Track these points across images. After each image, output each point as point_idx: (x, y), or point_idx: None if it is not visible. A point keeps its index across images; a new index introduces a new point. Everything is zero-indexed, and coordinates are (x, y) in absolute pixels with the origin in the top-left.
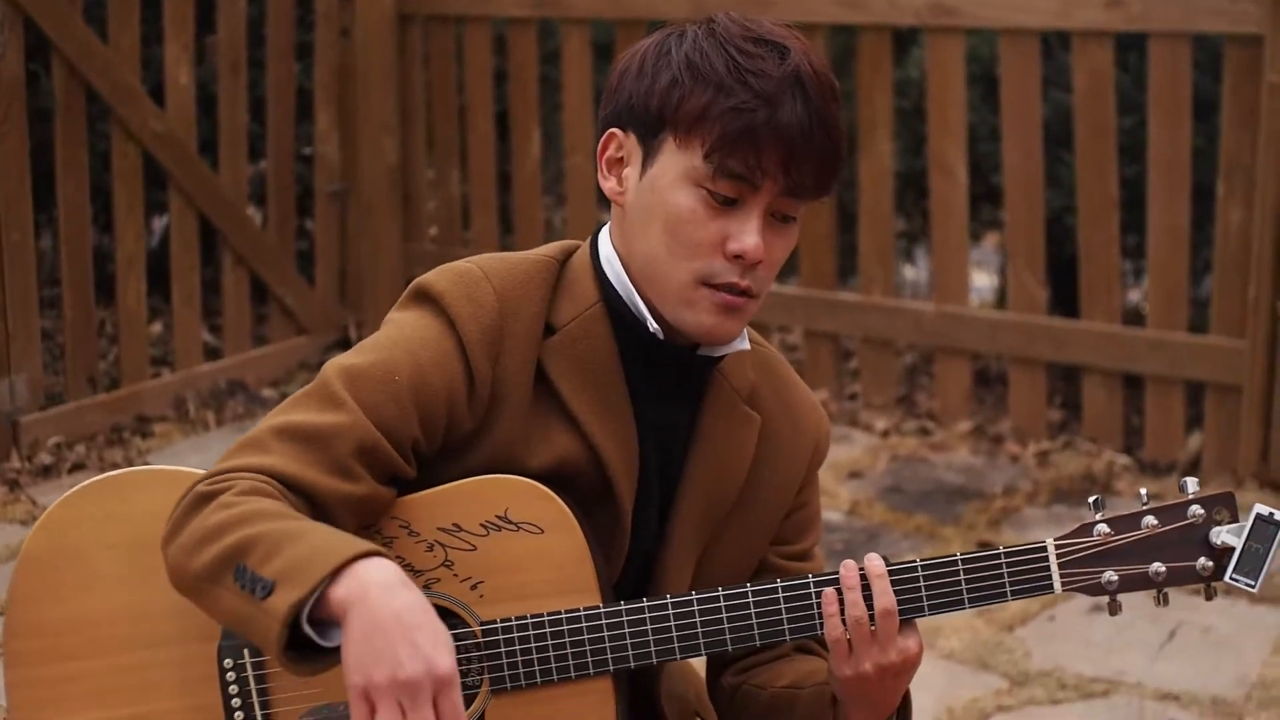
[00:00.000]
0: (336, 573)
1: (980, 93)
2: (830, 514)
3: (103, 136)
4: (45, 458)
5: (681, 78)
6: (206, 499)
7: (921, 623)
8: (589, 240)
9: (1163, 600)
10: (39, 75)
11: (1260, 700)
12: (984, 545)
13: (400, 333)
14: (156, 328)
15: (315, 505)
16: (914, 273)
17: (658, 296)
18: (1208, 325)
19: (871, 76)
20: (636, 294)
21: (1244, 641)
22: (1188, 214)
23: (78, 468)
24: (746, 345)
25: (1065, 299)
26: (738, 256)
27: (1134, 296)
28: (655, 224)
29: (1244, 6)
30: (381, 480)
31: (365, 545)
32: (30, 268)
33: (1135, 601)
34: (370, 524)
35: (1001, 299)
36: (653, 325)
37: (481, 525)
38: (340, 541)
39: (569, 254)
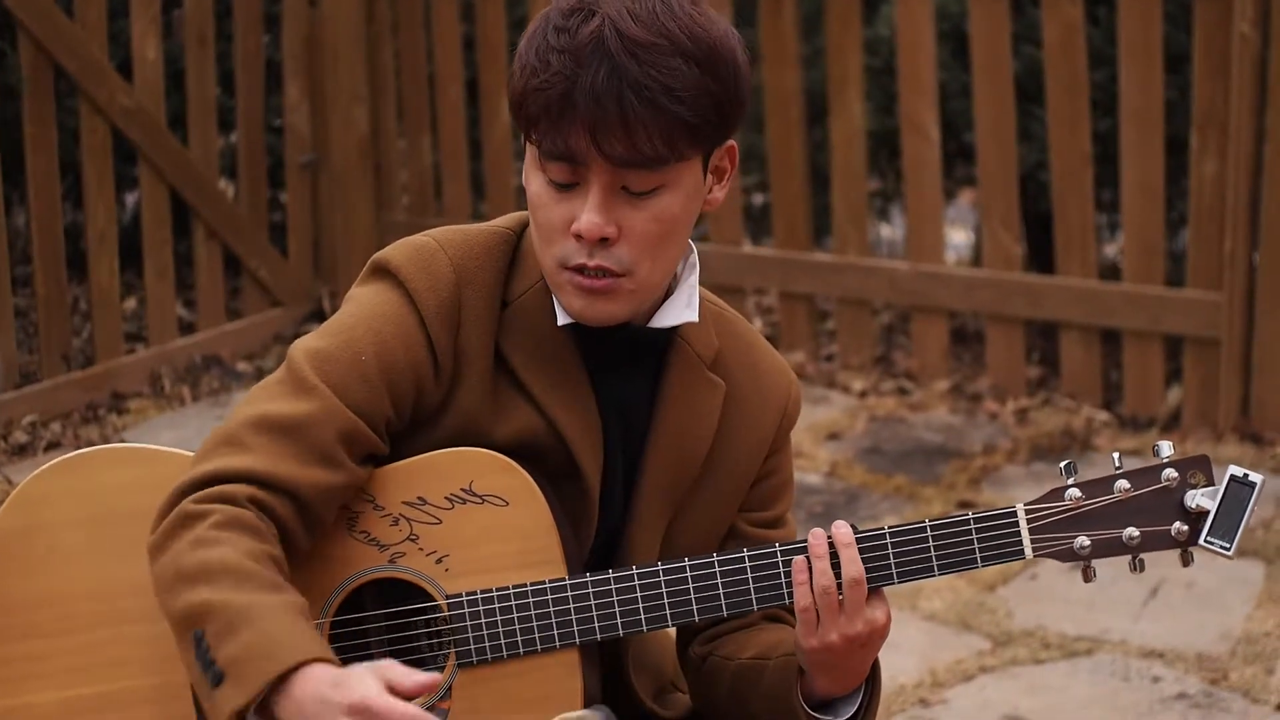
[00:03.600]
0: (279, 680)
1: (951, 50)
2: (809, 476)
3: (71, 113)
4: (20, 436)
5: (515, 67)
6: (191, 520)
7: (903, 585)
8: None
9: (1138, 566)
10: (5, 52)
11: (1245, 655)
12: (964, 505)
13: (361, 310)
14: (130, 304)
15: (299, 504)
16: (890, 231)
17: (548, 283)
18: (1184, 279)
19: (841, 35)
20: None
21: (1227, 597)
22: (1162, 167)
23: (53, 446)
24: (694, 317)
25: (1041, 255)
26: (579, 236)
27: (1110, 251)
28: (530, 211)
29: None
30: (360, 461)
31: (307, 650)
32: (1, 246)
33: (1115, 559)
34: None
35: (978, 256)
36: (562, 320)
37: (446, 498)
38: (286, 635)
39: (526, 225)
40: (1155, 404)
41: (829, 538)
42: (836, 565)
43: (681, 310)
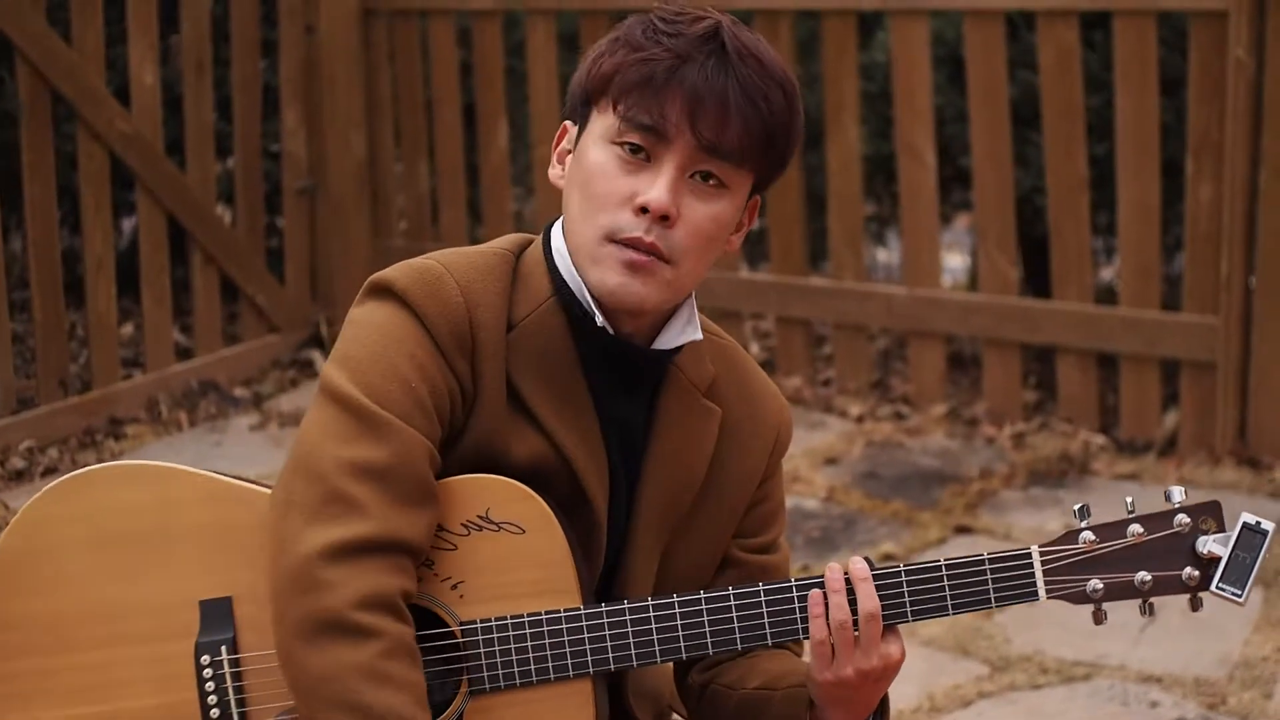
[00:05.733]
0: None
1: (946, 75)
2: (807, 501)
3: (69, 138)
4: (18, 462)
5: (604, 49)
6: (357, 637)
7: None
8: (542, 233)
9: (1148, 610)
10: (3, 78)
11: (1243, 680)
12: (961, 530)
13: (384, 336)
14: (127, 329)
15: (419, 556)
16: (886, 256)
17: (578, 262)
18: (1181, 302)
19: (837, 61)
20: (584, 284)
21: (1225, 622)
22: (1158, 191)
23: (50, 471)
24: (698, 334)
25: (1038, 279)
26: (644, 210)
27: (1107, 275)
28: (575, 190)
29: None
30: None
31: None
32: None
33: (1126, 602)
34: None
35: (974, 280)
36: (600, 319)
37: (463, 525)
38: None
39: (523, 247)
40: (1152, 428)
41: (845, 573)
42: (853, 601)
43: (683, 328)
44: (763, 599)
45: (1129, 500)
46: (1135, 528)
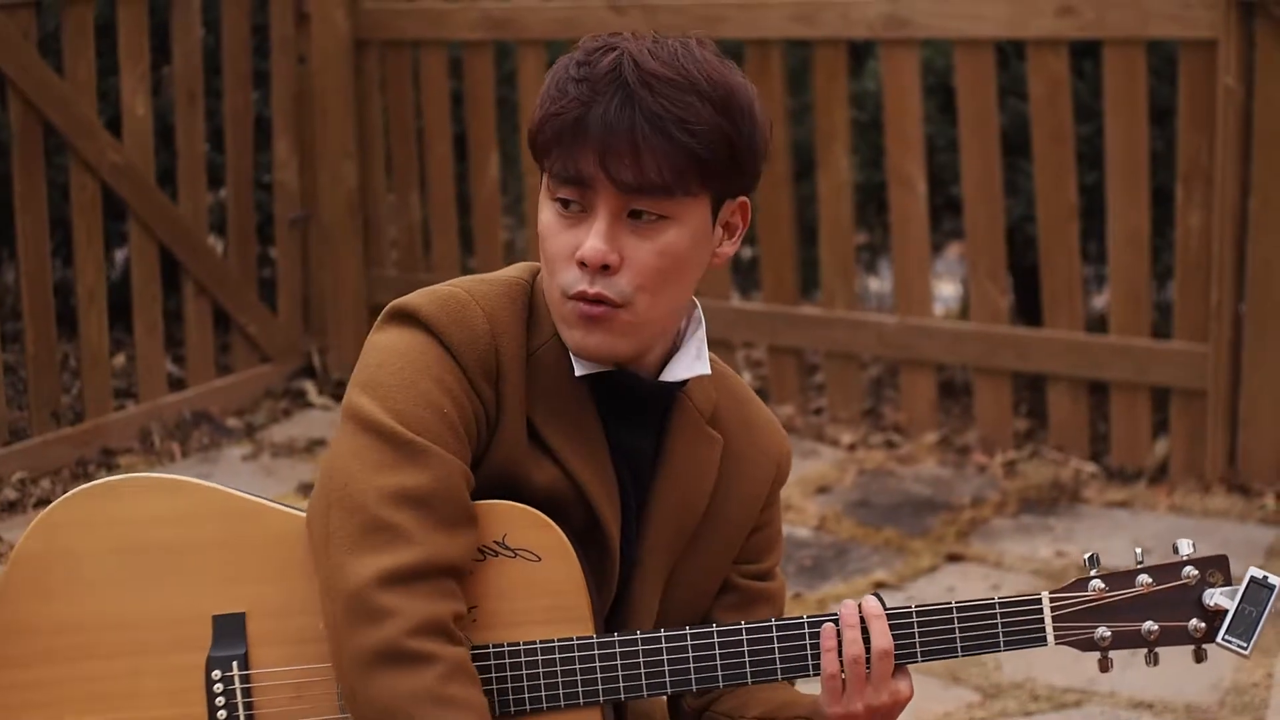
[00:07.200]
0: None
1: (937, 104)
2: (798, 530)
3: (61, 169)
4: (10, 493)
5: (539, 96)
6: (416, 663)
7: None
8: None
9: (1153, 660)
10: None
11: (1234, 706)
12: (953, 558)
13: (409, 361)
14: (119, 360)
15: (460, 577)
16: (878, 284)
17: (553, 317)
18: (1171, 330)
19: (828, 90)
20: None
21: (1216, 649)
22: (1148, 219)
23: (42, 503)
24: (706, 369)
25: (1029, 307)
26: (582, 263)
27: (1098, 303)
28: (540, 244)
29: (1197, 12)
30: None
31: None
32: None
33: (1132, 651)
34: None
35: (965, 308)
36: (579, 370)
37: (479, 550)
38: None
39: (534, 275)
40: (1143, 455)
41: (859, 610)
42: (866, 638)
43: (691, 363)
44: (774, 633)
45: (1138, 551)
46: (1144, 578)
